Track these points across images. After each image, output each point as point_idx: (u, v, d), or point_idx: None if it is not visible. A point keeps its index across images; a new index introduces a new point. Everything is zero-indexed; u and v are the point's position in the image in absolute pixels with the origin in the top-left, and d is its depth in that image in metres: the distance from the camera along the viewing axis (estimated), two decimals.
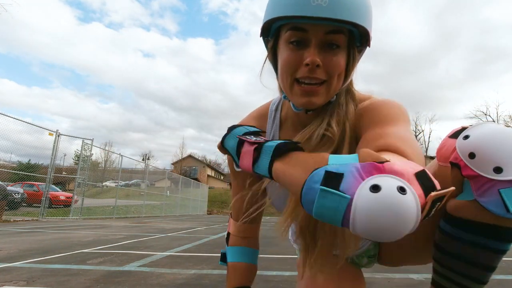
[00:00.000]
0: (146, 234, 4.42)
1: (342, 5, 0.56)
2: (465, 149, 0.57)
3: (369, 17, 0.61)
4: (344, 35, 0.60)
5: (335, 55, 0.60)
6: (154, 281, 1.56)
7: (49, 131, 7.90)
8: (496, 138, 0.56)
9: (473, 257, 0.62)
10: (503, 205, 0.54)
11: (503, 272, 1.98)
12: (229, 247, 0.92)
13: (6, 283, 1.45)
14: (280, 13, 0.58)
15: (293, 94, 0.64)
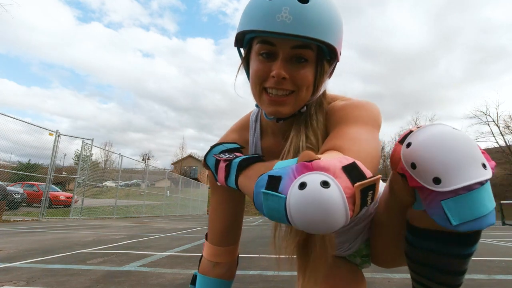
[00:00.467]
0: (146, 234, 4.42)
1: (306, 22, 0.57)
2: (407, 159, 0.56)
3: (336, 33, 0.62)
4: (311, 50, 0.62)
5: (302, 68, 0.62)
6: (154, 281, 1.56)
7: (49, 131, 7.90)
8: (433, 146, 0.54)
9: (438, 263, 0.61)
10: (446, 217, 0.52)
11: (503, 272, 1.98)
12: (199, 274, 0.86)
13: (6, 283, 1.45)
14: (249, 26, 0.61)
15: (262, 103, 0.66)
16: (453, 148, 0.52)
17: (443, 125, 0.58)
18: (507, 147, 28.74)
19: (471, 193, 0.50)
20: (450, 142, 0.53)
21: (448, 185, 0.51)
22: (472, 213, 0.51)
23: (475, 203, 0.51)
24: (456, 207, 0.51)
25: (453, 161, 0.51)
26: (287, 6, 0.57)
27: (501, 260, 2.53)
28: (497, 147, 29.72)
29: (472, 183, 0.50)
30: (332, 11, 0.61)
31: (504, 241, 4.48)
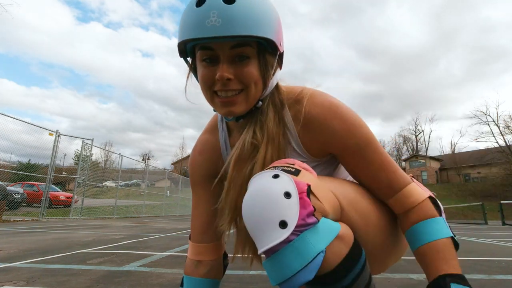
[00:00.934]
0: (146, 234, 4.42)
1: (236, 22, 0.57)
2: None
3: (269, 25, 0.62)
4: (251, 46, 0.62)
5: (246, 66, 0.63)
6: (154, 281, 1.56)
7: (49, 131, 7.90)
8: (246, 211, 0.54)
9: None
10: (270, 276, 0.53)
11: (503, 272, 1.98)
12: (184, 275, 0.86)
13: (6, 283, 1.45)
14: (185, 36, 0.61)
15: (215, 106, 0.68)
16: (255, 211, 0.52)
17: (262, 176, 0.57)
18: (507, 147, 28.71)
19: (274, 256, 0.50)
20: (254, 203, 0.53)
21: (259, 248, 0.52)
22: (281, 275, 0.51)
23: (279, 266, 0.51)
24: (269, 269, 0.53)
25: (254, 227, 0.52)
26: (215, 10, 0.57)
27: (501, 260, 2.53)
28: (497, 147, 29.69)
29: (271, 246, 0.49)
30: (261, 6, 0.61)
31: (504, 241, 4.48)
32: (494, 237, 5.41)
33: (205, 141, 0.87)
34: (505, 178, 27.30)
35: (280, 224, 0.50)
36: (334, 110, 0.69)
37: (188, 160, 0.91)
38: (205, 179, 0.85)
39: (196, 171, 0.87)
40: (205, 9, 0.58)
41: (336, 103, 0.70)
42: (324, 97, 0.72)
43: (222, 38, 0.58)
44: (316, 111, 0.69)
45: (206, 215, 0.84)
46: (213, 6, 0.57)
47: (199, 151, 0.87)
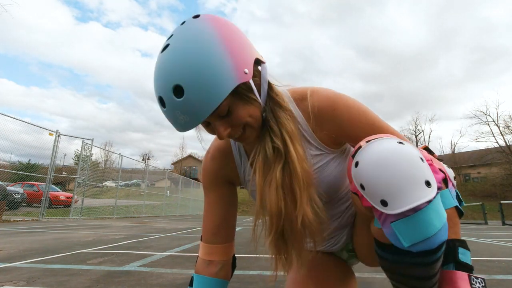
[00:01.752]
0: (146, 234, 4.42)
1: (196, 112, 0.60)
2: (357, 179, 0.58)
3: (224, 78, 0.59)
4: (225, 101, 0.61)
5: (232, 114, 0.65)
6: (154, 281, 1.56)
7: (49, 131, 7.90)
8: (378, 167, 0.54)
9: (407, 272, 0.62)
10: (397, 239, 0.54)
11: (503, 272, 1.98)
12: (194, 274, 0.87)
13: (6, 283, 1.45)
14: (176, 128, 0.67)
15: (233, 144, 0.83)
16: (396, 168, 0.52)
17: (388, 141, 0.58)
18: (507, 147, 28.71)
19: (418, 214, 0.51)
20: (393, 161, 0.53)
21: (394, 207, 0.52)
22: (421, 234, 0.52)
23: (423, 224, 0.51)
24: (405, 229, 0.52)
25: (396, 183, 0.52)
26: (177, 110, 0.60)
27: (501, 260, 2.53)
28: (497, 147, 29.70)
29: (417, 205, 0.50)
30: (207, 73, 0.58)
31: (504, 241, 4.48)
32: (494, 237, 5.41)
33: (218, 147, 0.88)
34: (505, 178, 27.31)
35: (426, 183, 0.51)
36: (339, 101, 0.72)
37: (202, 165, 0.93)
38: (217, 183, 0.88)
39: (209, 176, 0.89)
40: (170, 111, 0.62)
41: (339, 94, 0.74)
42: (327, 91, 0.75)
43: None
44: (323, 104, 0.72)
45: (218, 217, 0.87)
46: (173, 106, 0.61)
47: (212, 157, 0.88)
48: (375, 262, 0.88)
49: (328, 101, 0.72)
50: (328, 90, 0.75)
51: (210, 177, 0.88)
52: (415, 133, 40.55)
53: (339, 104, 0.72)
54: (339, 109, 0.72)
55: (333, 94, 0.74)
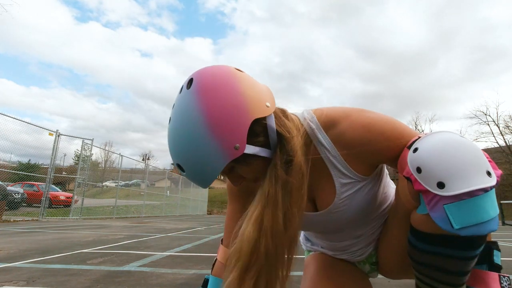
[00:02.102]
0: (146, 234, 4.42)
1: (199, 182, 0.67)
2: (414, 163, 0.59)
3: (218, 155, 0.61)
4: (224, 170, 0.67)
5: (239, 177, 0.70)
6: (154, 281, 1.56)
7: (49, 131, 7.90)
8: (439, 152, 0.56)
9: (442, 265, 0.62)
10: (448, 221, 0.54)
11: (503, 272, 1.98)
12: (212, 276, 0.88)
13: (6, 283, 1.45)
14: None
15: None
16: (458, 154, 0.55)
17: (450, 133, 0.60)
18: (507, 147, 28.72)
19: (473, 199, 0.52)
20: (456, 149, 0.55)
21: (451, 189, 0.53)
22: (474, 218, 0.53)
23: (477, 209, 0.53)
24: (458, 212, 0.53)
25: (457, 167, 0.54)
26: (189, 177, 0.67)
27: (501, 260, 2.53)
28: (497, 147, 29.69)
29: (475, 189, 0.52)
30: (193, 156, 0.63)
31: (504, 241, 4.48)
32: (494, 237, 5.40)
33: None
34: (505, 178, 27.29)
35: (487, 172, 0.54)
36: (374, 129, 0.69)
37: None
38: (243, 195, 0.88)
39: (234, 188, 0.90)
40: (187, 176, 0.67)
41: (373, 120, 0.70)
42: (359, 115, 0.71)
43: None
44: (358, 134, 0.69)
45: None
46: (187, 175, 0.66)
47: None
48: (398, 274, 0.89)
49: (363, 130, 0.69)
50: (360, 115, 0.71)
51: (236, 188, 0.89)
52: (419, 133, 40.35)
53: (375, 133, 0.69)
54: (375, 138, 0.68)
55: (367, 120, 0.70)
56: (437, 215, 0.56)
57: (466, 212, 0.53)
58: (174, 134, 0.64)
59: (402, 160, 0.65)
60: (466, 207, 0.53)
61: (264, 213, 0.65)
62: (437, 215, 0.56)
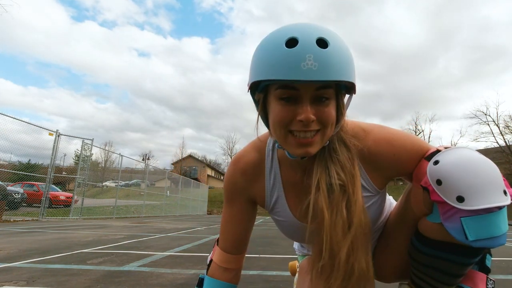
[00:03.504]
0: (146, 234, 4.42)
1: (331, 67, 0.58)
2: (434, 175, 0.62)
3: (353, 69, 0.63)
4: (332, 88, 0.62)
5: (326, 106, 0.62)
6: (154, 281, 1.56)
7: (49, 131, 7.90)
8: (461, 167, 0.59)
9: (441, 267, 0.68)
10: (463, 233, 0.58)
11: (503, 272, 1.98)
12: (208, 277, 0.88)
13: (6, 283, 1.45)
14: (272, 76, 0.59)
15: (288, 145, 0.66)
16: (479, 172, 0.59)
17: (470, 150, 0.64)
18: (507, 147, 28.71)
19: (489, 215, 0.57)
20: (477, 166, 0.59)
21: (471, 204, 0.57)
22: (488, 232, 0.57)
23: (492, 225, 0.57)
24: (474, 225, 0.57)
25: (478, 184, 0.58)
26: (311, 53, 0.56)
27: (501, 260, 2.53)
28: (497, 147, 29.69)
29: (492, 206, 0.56)
30: (348, 50, 0.62)
31: None
32: None
33: (252, 162, 0.84)
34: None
35: (503, 192, 0.58)
36: (398, 143, 0.72)
37: (228, 173, 0.89)
38: (243, 199, 0.86)
39: (235, 190, 0.86)
40: (299, 51, 0.57)
41: (394, 135, 0.73)
42: (383, 131, 0.74)
43: (315, 81, 0.58)
44: (382, 149, 0.72)
45: (240, 232, 0.87)
46: (308, 49, 0.57)
47: (243, 171, 0.84)
48: (395, 278, 0.91)
49: (386, 144, 0.72)
50: (380, 130, 0.74)
51: (237, 191, 0.86)
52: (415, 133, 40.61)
53: (397, 147, 0.71)
54: (398, 152, 0.71)
55: (389, 135, 0.73)
56: (452, 225, 0.60)
57: (481, 226, 0.57)
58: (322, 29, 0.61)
59: (419, 170, 0.68)
60: (482, 221, 0.57)
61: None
62: (452, 226, 0.59)
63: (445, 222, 0.60)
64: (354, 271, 0.64)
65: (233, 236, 0.87)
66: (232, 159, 0.89)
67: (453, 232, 0.59)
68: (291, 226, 0.83)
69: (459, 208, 0.57)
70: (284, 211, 0.82)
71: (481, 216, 0.57)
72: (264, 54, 0.61)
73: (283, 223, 0.84)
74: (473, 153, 0.62)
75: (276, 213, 0.84)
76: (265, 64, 0.60)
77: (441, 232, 0.62)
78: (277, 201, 0.82)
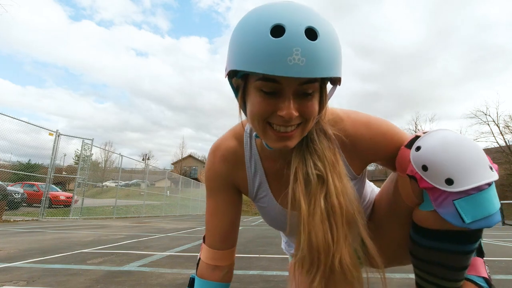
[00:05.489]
0: (146, 234, 4.42)
1: (320, 62, 0.53)
2: (418, 161, 0.60)
3: (341, 63, 0.60)
4: (317, 81, 0.58)
5: (309, 101, 0.59)
6: (154, 281, 1.56)
7: (49, 131, 7.90)
8: (444, 149, 0.58)
9: (443, 260, 0.65)
10: (458, 216, 0.56)
11: (503, 272, 1.98)
12: (197, 277, 0.85)
13: (6, 283, 1.45)
14: (254, 68, 0.54)
15: (267, 138, 0.63)
16: (463, 151, 0.57)
17: (449, 131, 0.62)
18: (507, 147, 28.70)
19: (481, 193, 0.55)
20: (459, 146, 0.58)
21: (460, 185, 0.55)
22: (483, 211, 0.55)
23: (486, 202, 0.55)
24: (468, 206, 0.56)
25: (464, 164, 0.56)
26: (298, 47, 0.51)
27: (501, 260, 2.53)
28: (497, 147, 29.68)
29: (482, 184, 0.55)
30: (337, 41, 0.58)
31: (504, 241, 4.48)
32: (494, 237, 5.41)
33: (231, 149, 0.81)
34: (505, 178, 27.29)
35: (489, 167, 0.57)
36: (375, 127, 0.72)
37: (208, 163, 0.86)
38: (226, 187, 0.83)
39: (217, 178, 0.82)
40: (286, 43, 0.51)
41: (373, 119, 0.73)
42: (360, 115, 0.74)
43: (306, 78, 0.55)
44: (361, 132, 0.71)
45: (226, 224, 0.83)
46: (295, 41, 0.51)
47: (223, 158, 0.81)
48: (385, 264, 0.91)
49: (364, 127, 0.72)
50: (358, 114, 0.74)
51: (219, 179, 0.82)
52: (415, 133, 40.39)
53: (374, 130, 0.71)
54: (376, 137, 0.71)
55: (366, 118, 0.73)
56: (446, 211, 0.57)
57: (476, 206, 0.55)
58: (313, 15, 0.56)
59: (401, 159, 0.66)
60: (475, 201, 0.55)
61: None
62: (447, 211, 0.57)
63: (439, 208, 0.59)
64: (335, 264, 0.61)
65: (219, 230, 0.83)
66: (210, 148, 0.85)
67: (448, 218, 0.57)
68: (275, 213, 0.81)
69: (450, 191, 0.56)
70: (268, 196, 0.80)
71: (473, 195, 0.55)
72: (245, 40, 0.55)
73: (268, 210, 0.82)
74: (452, 133, 0.61)
75: (260, 199, 0.82)
76: (245, 53, 0.54)
77: (437, 220, 0.61)
78: (260, 187, 0.81)
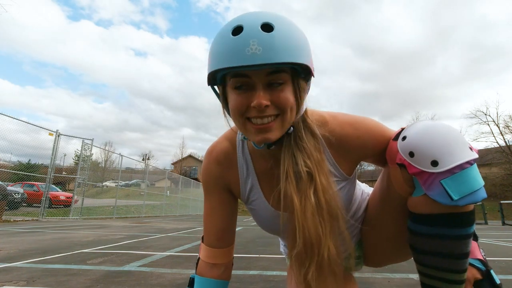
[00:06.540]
0: (146, 234, 4.42)
1: (276, 49, 0.58)
2: (405, 149, 0.65)
3: (305, 50, 0.63)
4: (286, 72, 0.62)
5: (281, 91, 0.62)
6: (154, 281, 1.56)
7: (49, 131, 7.90)
8: (428, 134, 0.63)
9: (443, 249, 0.66)
10: (447, 194, 0.60)
11: (503, 272, 1.98)
12: (196, 275, 0.87)
13: (6, 283, 1.45)
14: (219, 65, 0.60)
15: (248, 132, 0.66)
16: (444, 134, 0.62)
17: (430, 120, 0.68)
18: (507, 147, 28.70)
19: (465, 171, 0.60)
20: (441, 130, 0.63)
21: (445, 165, 0.60)
22: (468, 187, 0.60)
23: (470, 179, 0.60)
24: (454, 184, 0.60)
25: (446, 145, 0.61)
26: (255, 39, 0.57)
27: (501, 260, 2.53)
28: (497, 147, 29.67)
29: (464, 162, 0.59)
30: (296, 32, 0.62)
31: (504, 241, 4.48)
32: (494, 237, 5.41)
33: (224, 151, 0.84)
34: (505, 178, 27.28)
35: (469, 148, 0.62)
36: (361, 126, 0.75)
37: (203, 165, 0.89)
38: (220, 188, 0.86)
39: (212, 180, 0.86)
40: (243, 37, 0.58)
41: (359, 119, 0.76)
42: (346, 116, 0.77)
43: (262, 66, 0.58)
44: (346, 132, 0.74)
45: (222, 223, 0.86)
46: (251, 34, 0.57)
47: (217, 160, 0.85)
48: (385, 262, 0.94)
49: (350, 127, 0.74)
50: (344, 115, 0.77)
51: (213, 180, 0.86)
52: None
53: (362, 129, 0.74)
54: (363, 136, 0.73)
55: (352, 119, 0.75)
56: (435, 192, 0.61)
57: (461, 183, 0.59)
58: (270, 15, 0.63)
59: (390, 152, 0.70)
60: (460, 178, 0.59)
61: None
62: (435, 192, 0.61)
63: (428, 191, 0.62)
64: (325, 256, 0.65)
65: (216, 228, 0.86)
66: (206, 150, 0.89)
67: (437, 198, 0.61)
68: (267, 216, 0.83)
69: (436, 172, 0.60)
70: (259, 199, 0.82)
71: (458, 174, 0.59)
72: (213, 45, 0.63)
73: (260, 212, 0.84)
74: (434, 122, 0.66)
75: (252, 202, 0.84)
76: (214, 55, 0.62)
77: (429, 203, 0.64)
78: (252, 190, 0.83)
